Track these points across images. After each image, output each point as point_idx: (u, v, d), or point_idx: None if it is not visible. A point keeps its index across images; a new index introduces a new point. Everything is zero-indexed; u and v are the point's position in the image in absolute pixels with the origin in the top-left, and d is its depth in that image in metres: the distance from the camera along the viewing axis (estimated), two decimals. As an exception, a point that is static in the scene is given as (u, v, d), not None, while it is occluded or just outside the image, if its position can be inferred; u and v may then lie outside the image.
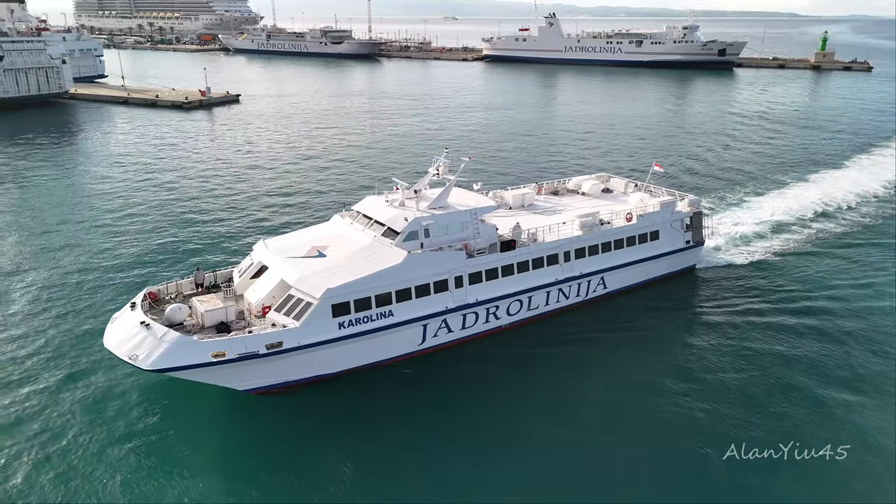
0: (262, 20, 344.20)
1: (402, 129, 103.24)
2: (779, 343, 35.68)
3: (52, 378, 32.10)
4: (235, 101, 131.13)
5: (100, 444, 27.44)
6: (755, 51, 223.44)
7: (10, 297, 41.25)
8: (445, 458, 27.08)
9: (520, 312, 37.31)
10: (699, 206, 45.29)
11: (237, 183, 69.33)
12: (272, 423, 29.41)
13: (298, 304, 30.01)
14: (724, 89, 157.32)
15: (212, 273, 34.83)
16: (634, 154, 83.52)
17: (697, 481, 25.64)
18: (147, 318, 29.27)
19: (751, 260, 46.83)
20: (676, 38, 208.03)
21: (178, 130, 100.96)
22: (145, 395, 30.67)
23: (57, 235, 52.63)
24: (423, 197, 35.52)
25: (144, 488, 25.13)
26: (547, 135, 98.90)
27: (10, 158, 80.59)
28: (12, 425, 28.74)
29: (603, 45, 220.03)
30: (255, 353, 28.59)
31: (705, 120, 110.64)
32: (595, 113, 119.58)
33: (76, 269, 45.46)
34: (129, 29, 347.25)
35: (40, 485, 25.35)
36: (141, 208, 60.05)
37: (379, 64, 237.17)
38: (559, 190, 48.48)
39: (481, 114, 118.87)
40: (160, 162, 79.15)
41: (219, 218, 57.22)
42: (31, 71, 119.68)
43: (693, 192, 60.70)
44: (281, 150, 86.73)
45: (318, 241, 34.59)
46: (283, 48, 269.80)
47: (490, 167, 75.83)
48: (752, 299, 40.95)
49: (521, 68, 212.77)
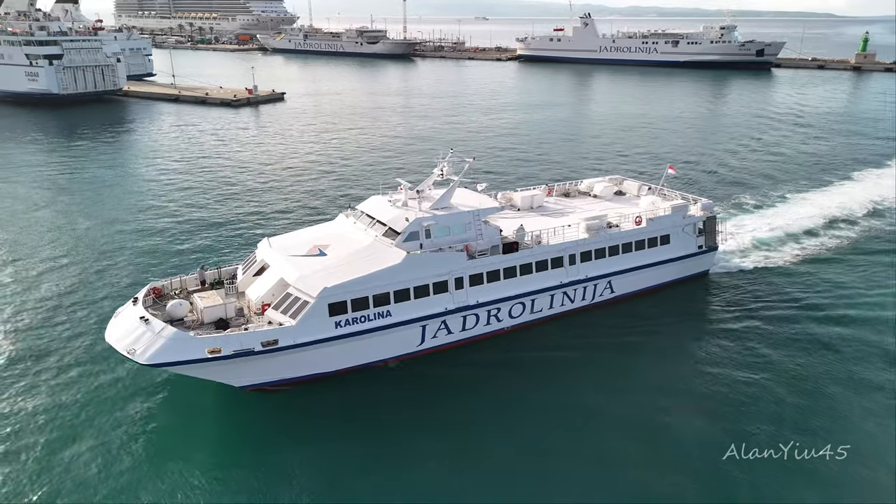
0: (297, 20, 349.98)
1: (435, 128, 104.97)
2: (785, 347, 35.17)
3: (59, 366, 33.06)
4: (280, 100, 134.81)
5: (96, 436, 27.95)
6: (794, 51, 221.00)
7: (38, 281, 43.56)
8: (441, 459, 27.01)
9: (522, 315, 36.73)
10: (713, 211, 44.23)
11: (274, 180, 70.99)
12: (267, 420, 29.67)
13: (296, 302, 30.02)
14: (761, 90, 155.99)
15: (216, 270, 35.07)
16: (663, 156, 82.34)
17: (698, 481, 25.59)
18: (147, 313, 29.56)
19: (767, 266, 45.54)
20: (714, 39, 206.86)
21: (227, 127, 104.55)
22: (145, 388, 31.18)
23: (97, 224, 55.10)
24: (426, 197, 35.20)
25: (137, 481, 25.53)
26: (577, 135, 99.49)
27: (69, 152, 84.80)
28: (13, 412, 29.56)
29: (638, 45, 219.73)
30: (250, 351, 28.65)
31: (738, 121, 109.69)
32: (629, 113, 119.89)
33: (105, 258, 47.53)
34: (170, 29, 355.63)
35: (36, 476, 25.80)
36: (179, 201, 62.08)
37: (413, 64, 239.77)
38: (570, 192, 47.66)
39: (515, 113, 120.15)
40: (208, 157, 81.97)
41: (249, 214, 58.56)
42: (89, 69, 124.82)
43: (714, 195, 61.04)
44: (320, 147, 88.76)
45: (321, 239, 34.56)
46: (320, 48, 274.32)
47: (513, 168, 76.01)
48: (764, 305, 40.13)
49: (555, 68, 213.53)
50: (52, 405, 30.12)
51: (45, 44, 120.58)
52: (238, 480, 25.75)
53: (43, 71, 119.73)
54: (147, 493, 25.01)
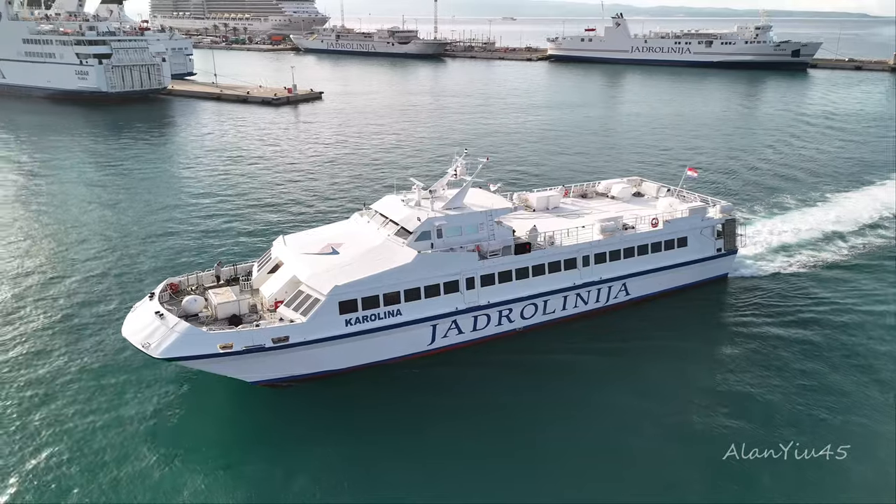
0: (328, 21, 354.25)
1: (467, 126, 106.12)
2: (792, 351, 34.85)
3: (78, 356, 34.06)
4: (318, 98, 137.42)
5: (109, 427, 28.60)
6: (830, 52, 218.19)
7: (71, 269, 45.48)
8: (448, 460, 27.12)
9: (535, 316, 36.51)
10: (732, 213, 43.52)
11: (309, 177, 72.27)
12: (277, 416, 29.99)
13: (307, 300, 30.22)
14: (797, 91, 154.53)
15: (232, 267, 35.44)
16: (691, 157, 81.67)
17: (698, 481, 25.57)
18: (162, 308, 30.06)
19: (789, 271, 44.72)
20: (748, 39, 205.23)
21: (268, 126, 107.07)
22: (160, 381, 31.82)
23: (134, 217, 57.20)
24: (438, 197, 35.23)
25: (147, 470, 26.20)
26: (607, 135, 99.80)
27: (117, 148, 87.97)
28: (31, 399, 30.48)
29: (671, 45, 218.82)
30: (261, 347, 28.97)
31: (772, 123, 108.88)
32: (660, 113, 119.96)
33: (135, 249, 49.31)
34: (205, 29, 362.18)
35: (50, 465, 26.44)
36: (213, 197, 63.81)
37: (444, 64, 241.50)
38: (588, 193, 47.24)
39: (546, 112, 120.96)
40: (247, 155, 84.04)
41: (280, 210, 59.57)
42: (136, 68, 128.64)
43: (739, 197, 60.85)
44: (355, 146, 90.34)
45: (334, 238, 34.70)
46: (352, 48, 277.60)
47: (539, 167, 76.39)
48: (779, 310, 39.59)
49: (586, 68, 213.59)
50: (68, 393, 30.81)
51: (95, 43, 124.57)
52: (245, 475, 26.10)
53: (93, 70, 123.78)
54: (155, 483, 25.54)
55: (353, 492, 25.35)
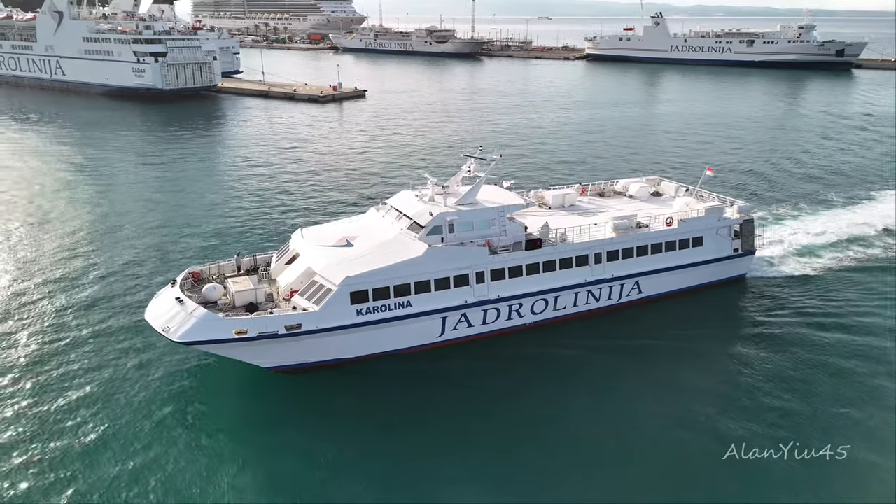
0: (366, 20, 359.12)
1: (503, 124, 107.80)
2: (800, 352, 34.65)
3: (103, 338, 35.87)
4: (362, 97, 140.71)
5: (128, 406, 29.89)
6: (875, 52, 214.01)
7: (116, 251, 48.34)
8: (452, 452, 27.44)
9: (545, 312, 36.93)
10: (750, 214, 43.22)
11: (348, 172, 74.23)
12: (290, 401, 30.96)
13: (320, 289, 31.26)
14: (839, 92, 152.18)
15: (252, 257, 36.76)
16: (723, 157, 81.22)
17: (697, 481, 25.60)
18: (182, 294, 31.41)
19: (809, 273, 44.10)
20: (791, 38, 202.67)
21: (313, 122, 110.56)
22: (181, 365, 33.15)
23: (178, 206, 60.21)
24: (452, 193, 35.93)
25: (162, 447, 27.27)
26: (643, 134, 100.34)
27: (171, 142, 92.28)
28: (58, 380, 31.83)
29: (711, 44, 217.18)
30: (274, 333, 30.02)
31: (811, 123, 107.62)
32: (698, 112, 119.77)
33: (173, 237, 51.67)
34: (246, 29, 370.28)
35: (68, 443, 27.50)
36: (252, 190, 66.23)
37: (480, 63, 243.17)
38: (605, 191, 47.36)
39: (583, 111, 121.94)
40: (292, 150, 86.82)
41: (316, 204, 61.38)
42: (189, 66, 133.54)
43: (766, 197, 60.63)
44: (396, 141, 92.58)
45: (349, 231, 35.79)
46: (390, 47, 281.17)
47: (569, 164, 77.25)
48: (794, 312, 39.23)
49: (624, 68, 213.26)
50: (90, 372, 32.61)
51: (152, 42, 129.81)
52: (258, 459, 26.93)
53: (149, 67, 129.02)
54: (165, 461, 26.55)
55: (352, 478, 25.72)
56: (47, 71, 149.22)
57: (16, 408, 29.96)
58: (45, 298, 40.93)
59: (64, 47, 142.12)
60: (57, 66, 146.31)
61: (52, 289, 42.29)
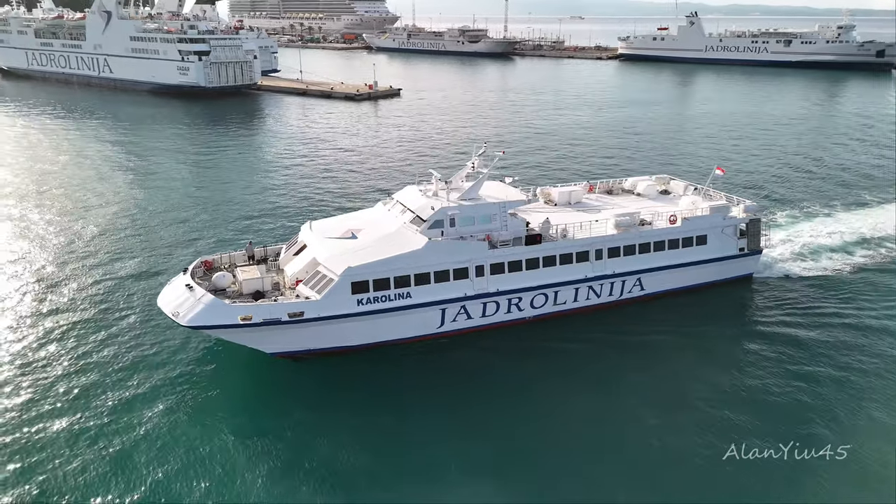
0: (399, 20, 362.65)
1: (536, 124, 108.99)
2: (802, 353, 34.58)
3: (119, 320, 37.65)
4: (397, 95, 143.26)
5: (138, 386, 31.11)
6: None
7: (150, 238, 50.49)
8: (450, 439, 27.77)
9: (545, 306, 37.48)
10: (757, 213, 43.09)
11: (373, 169, 75.58)
12: (293, 386, 32.15)
13: (322, 279, 32.42)
14: (878, 93, 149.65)
15: (263, 248, 38.10)
16: (749, 158, 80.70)
17: (697, 481, 25.53)
18: (192, 281, 32.77)
19: (818, 274, 43.74)
20: (830, 38, 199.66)
21: (349, 119, 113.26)
22: (191, 350, 34.44)
23: (216, 200, 61.84)
24: (455, 188, 36.92)
25: (166, 425, 28.26)
26: (675, 133, 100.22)
27: (213, 137, 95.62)
28: (73, 358, 33.36)
29: (747, 44, 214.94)
30: (277, 320, 31.15)
31: (846, 124, 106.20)
32: (731, 112, 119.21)
33: (203, 227, 53.78)
34: (281, 28, 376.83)
35: (80, 425, 28.43)
36: (284, 183, 68.20)
37: (513, 62, 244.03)
38: (614, 189, 47.60)
39: (615, 110, 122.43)
40: (326, 145, 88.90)
41: (346, 197, 63.12)
42: (230, 64, 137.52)
43: (784, 198, 60.60)
44: (428, 138, 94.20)
45: (355, 224, 36.89)
46: (423, 47, 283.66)
47: (592, 166, 77.41)
48: (798, 312, 39.05)
49: (657, 68, 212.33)
50: (101, 350, 34.30)
51: (196, 41, 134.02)
52: (255, 439, 27.76)
53: (193, 66, 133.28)
54: (176, 447, 27.24)
55: (347, 464, 26.27)
56: (95, 69, 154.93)
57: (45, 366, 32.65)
58: (82, 274, 44.37)
59: (112, 46, 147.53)
60: (105, 64, 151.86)
61: (86, 266, 45.63)
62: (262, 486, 25.32)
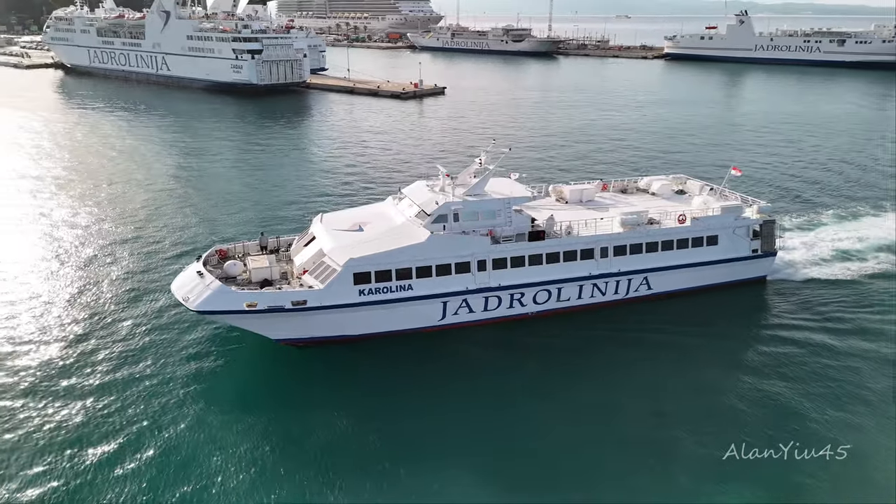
0: (443, 19, 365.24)
1: (578, 122, 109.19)
2: (806, 355, 34.37)
3: (139, 301, 39.93)
4: (441, 93, 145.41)
5: (148, 370, 32.52)
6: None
7: (182, 227, 53.04)
8: (439, 438, 28.00)
9: (548, 302, 37.64)
10: (771, 214, 42.44)
11: (422, 164, 77.31)
12: (295, 371, 33.26)
13: (326, 269, 33.37)
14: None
15: (276, 238, 39.21)
16: (788, 160, 79.64)
17: (697, 481, 25.51)
18: (203, 269, 33.97)
19: (835, 277, 42.83)
20: (886, 38, 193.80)
21: (395, 116, 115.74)
22: (202, 333, 35.82)
23: (263, 191, 64.82)
24: (461, 184, 37.24)
25: (176, 418, 29.01)
26: (719, 133, 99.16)
27: (264, 132, 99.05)
28: (97, 338, 35.24)
29: (799, 43, 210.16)
30: (281, 308, 32.13)
31: (885, 127, 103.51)
32: (779, 112, 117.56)
33: (230, 221, 55.40)
34: (328, 28, 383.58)
35: (92, 403, 29.89)
36: (326, 177, 70.90)
37: (556, 62, 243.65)
38: (628, 188, 47.36)
39: (659, 109, 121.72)
40: (371, 141, 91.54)
41: (380, 190, 64.06)
42: (281, 63, 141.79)
43: (813, 201, 59.57)
44: (468, 136, 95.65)
45: (363, 218, 37.71)
46: (466, 46, 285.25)
47: (631, 161, 77.73)
48: (811, 315, 38.56)
49: (705, 67, 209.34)
50: (113, 330, 36.32)
51: (249, 40, 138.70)
52: (255, 420, 28.87)
53: (246, 64, 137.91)
54: (183, 430, 28.23)
55: (343, 447, 27.04)
56: (153, 66, 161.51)
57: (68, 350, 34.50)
58: (121, 256, 47.78)
59: (169, 44, 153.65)
60: (162, 62, 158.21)
61: (126, 249, 48.95)
62: (255, 476, 25.77)
